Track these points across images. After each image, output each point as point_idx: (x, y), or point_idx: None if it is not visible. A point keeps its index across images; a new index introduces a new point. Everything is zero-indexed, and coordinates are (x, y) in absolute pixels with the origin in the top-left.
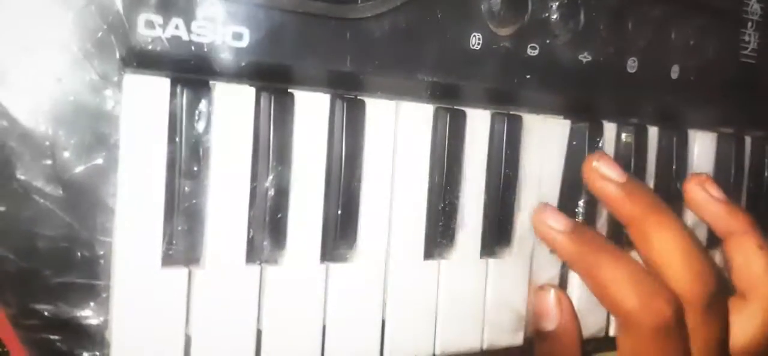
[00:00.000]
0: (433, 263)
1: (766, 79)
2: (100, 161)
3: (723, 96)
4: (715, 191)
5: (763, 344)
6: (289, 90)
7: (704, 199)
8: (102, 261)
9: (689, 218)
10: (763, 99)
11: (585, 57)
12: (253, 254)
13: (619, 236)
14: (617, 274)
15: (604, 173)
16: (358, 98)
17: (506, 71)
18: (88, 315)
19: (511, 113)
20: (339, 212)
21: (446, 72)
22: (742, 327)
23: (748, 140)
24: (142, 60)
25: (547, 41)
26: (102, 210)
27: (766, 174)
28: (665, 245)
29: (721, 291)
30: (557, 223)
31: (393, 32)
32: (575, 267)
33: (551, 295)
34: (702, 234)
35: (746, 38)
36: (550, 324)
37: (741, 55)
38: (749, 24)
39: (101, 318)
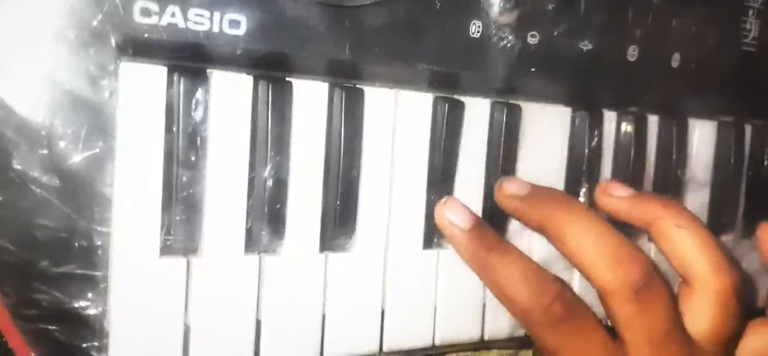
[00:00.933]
0: (433, 253)
1: (767, 68)
2: (97, 150)
3: (723, 85)
4: (621, 191)
5: (719, 333)
6: (287, 79)
7: (614, 204)
8: (100, 251)
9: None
10: (763, 88)
11: (585, 45)
12: (251, 244)
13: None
14: (509, 272)
15: (508, 193)
16: (357, 86)
17: (506, 60)
18: (87, 305)
19: (510, 102)
20: (338, 201)
21: (446, 61)
22: (698, 313)
23: (748, 128)
24: (138, 48)
25: (548, 29)
26: (99, 200)
27: (765, 163)
28: (577, 240)
29: (651, 275)
30: (458, 218)
31: (392, 20)
32: (472, 266)
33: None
34: None
35: (747, 26)
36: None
37: (742, 43)
38: (750, 12)
39: (100, 308)
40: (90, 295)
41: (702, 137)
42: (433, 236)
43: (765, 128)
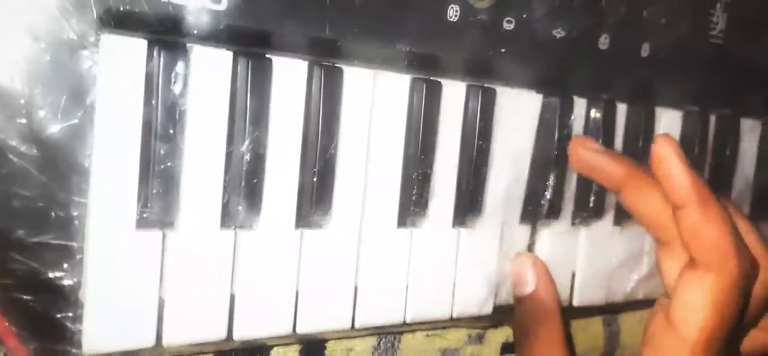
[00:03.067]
0: (406, 232)
1: (733, 60)
2: (76, 121)
3: (690, 75)
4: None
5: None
6: (266, 56)
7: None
8: (76, 222)
9: None
10: (728, 79)
11: (559, 32)
12: (227, 218)
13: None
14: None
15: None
16: (336, 65)
17: (482, 43)
18: (62, 275)
19: (485, 85)
20: (314, 179)
21: (424, 42)
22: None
23: (712, 118)
24: (119, 20)
25: (523, 15)
26: (77, 171)
27: (728, 152)
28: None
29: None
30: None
31: (372, 0)
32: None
33: (527, 260)
34: None
35: (715, 19)
36: (527, 288)
37: (709, 36)
38: (718, 5)
39: (75, 279)
40: (65, 266)
41: (668, 126)
42: (407, 215)
43: (728, 118)
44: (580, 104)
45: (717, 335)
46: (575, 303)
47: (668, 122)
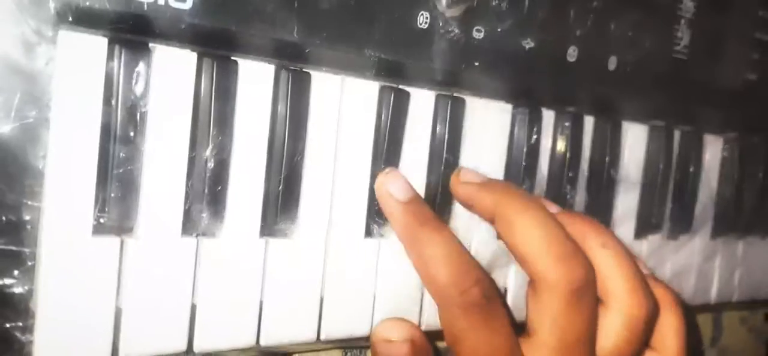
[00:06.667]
0: (374, 242)
1: (696, 76)
2: (30, 120)
3: (656, 90)
4: (554, 207)
5: (630, 348)
6: (232, 58)
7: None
8: (29, 227)
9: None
10: (692, 95)
11: (528, 43)
12: (189, 226)
13: None
14: (435, 249)
15: (465, 179)
16: (304, 70)
17: (451, 52)
18: (12, 283)
19: (454, 95)
20: (280, 186)
21: (392, 49)
22: (607, 331)
23: (677, 133)
24: (78, 16)
25: (492, 25)
26: (30, 173)
27: (691, 168)
28: (529, 229)
29: (590, 282)
30: (397, 190)
31: (341, 4)
32: (402, 239)
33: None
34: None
35: (679, 35)
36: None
37: (674, 51)
38: (682, 21)
39: (26, 287)
40: (16, 273)
41: (634, 140)
42: (374, 225)
43: (692, 133)
44: (548, 116)
45: (567, 337)
46: None
47: (634, 136)
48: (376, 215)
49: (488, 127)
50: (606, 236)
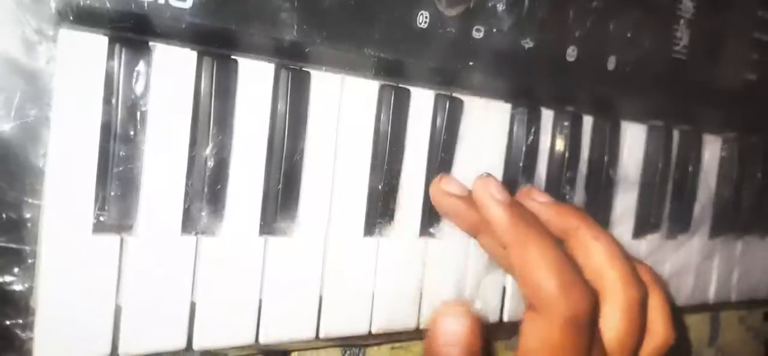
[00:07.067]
0: (372, 241)
1: (696, 76)
2: (30, 119)
3: (655, 90)
4: (541, 197)
5: (625, 341)
6: (232, 57)
7: (535, 208)
8: (29, 225)
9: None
10: (691, 95)
11: (527, 43)
12: (189, 224)
13: None
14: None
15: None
16: (304, 69)
17: (451, 52)
18: (12, 280)
19: (453, 95)
20: (280, 185)
21: (392, 48)
22: (607, 323)
23: (676, 133)
24: (79, 15)
25: (492, 25)
26: (31, 171)
27: (690, 168)
28: (538, 255)
29: (594, 316)
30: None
31: (341, 4)
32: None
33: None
34: None
35: (678, 35)
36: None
37: (673, 51)
38: (681, 21)
39: (26, 285)
40: (16, 270)
41: (633, 140)
42: (373, 223)
43: (691, 133)
44: (547, 116)
45: None
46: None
47: (633, 135)
48: (378, 213)
49: (487, 126)
50: (596, 229)
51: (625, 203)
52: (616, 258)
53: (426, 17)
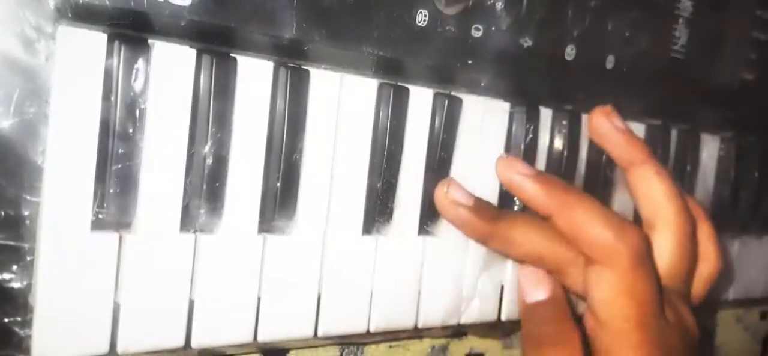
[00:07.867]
0: (371, 239)
1: (694, 75)
2: (29, 116)
3: (653, 89)
4: (618, 122)
5: (679, 268)
6: (231, 54)
7: (609, 129)
8: (28, 222)
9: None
10: (689, 94)
11: (526, 42)
12: (187, 221)
13: None
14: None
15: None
16: (303, 67)
17: (450, 51)
18: (11, 277)
19: (452, 93)
20: (278, 183)
21: (391, 46)
22: (662, 251)
23: (674, 132)
24: (78, 12)
25: (491, 24)
26: (30, 168)
27: (688, 167)
28: (582, 213)
29: (649, 248)
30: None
31: (340, 1)
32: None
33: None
34: None
35: (677, 34)
36: (540, 294)
37: (671, 50)
38: (680, 20)
39: (25, 282)
40: (15, 268)
41: None
42: (372, 222)
43: (689, 132)
44: (545, 114)
45: (645, 312)
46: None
47: None
48: (377, 212)
49: (486, 125)
50: (659, 165)
51: (623, 203)
52: (675, 193)
53: (425, 16)
